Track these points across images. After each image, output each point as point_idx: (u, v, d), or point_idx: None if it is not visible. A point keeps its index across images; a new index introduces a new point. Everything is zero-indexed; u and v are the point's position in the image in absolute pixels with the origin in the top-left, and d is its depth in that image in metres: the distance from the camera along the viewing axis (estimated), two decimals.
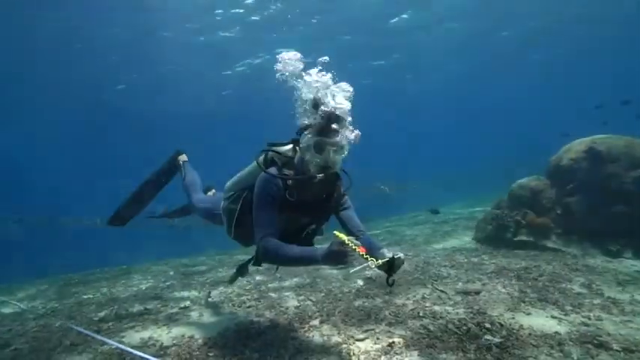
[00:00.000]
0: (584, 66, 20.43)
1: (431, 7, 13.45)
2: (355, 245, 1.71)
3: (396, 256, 1.86)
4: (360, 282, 4.00)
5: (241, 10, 11.90)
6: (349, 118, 2.08)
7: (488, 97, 25.78)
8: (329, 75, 2.08)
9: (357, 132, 2.08)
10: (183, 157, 3.68)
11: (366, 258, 1.71)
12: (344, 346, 2.44)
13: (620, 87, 21.20)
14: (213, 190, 3.47)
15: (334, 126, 2.01)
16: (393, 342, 2.40)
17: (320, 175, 2.03)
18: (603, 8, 13.76)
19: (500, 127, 35.77)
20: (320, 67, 2.09)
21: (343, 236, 1.74)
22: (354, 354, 2.31)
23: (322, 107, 2.01)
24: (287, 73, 2.11)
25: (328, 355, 2.33)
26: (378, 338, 2.51)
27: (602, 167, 4.39)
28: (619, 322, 2.46)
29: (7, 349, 2.90)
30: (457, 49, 16.92)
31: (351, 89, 2.11)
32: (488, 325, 2.54)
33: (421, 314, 2.87)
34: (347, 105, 2.04)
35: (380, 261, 1.78)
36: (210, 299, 3.98)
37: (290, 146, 2.27)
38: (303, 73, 2.10)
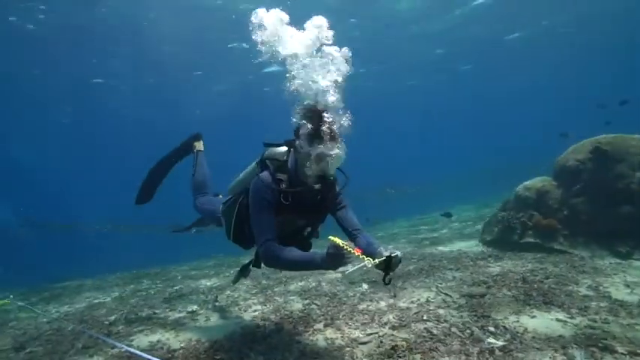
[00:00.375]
0: (585, 66, 20.18)
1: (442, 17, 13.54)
2: (350, 247, 1.74)
3: (393, 255, 1.83)
4: (365, 285, 4.02)
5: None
6: (340, 105, 1.94)
7: (494, 97, 25.63)
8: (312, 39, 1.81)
9: (348, 116, 1.95)
10: (199, 146, 3.64)
11: (362, 258, 1.73)
12: (347, 349, 2.46)
13: (621, 86, 20.91)
14: (221, 196, 3.52)
15: (328, 130, 1.94)
16: (396, 345, 2.42)
17: (317, 185, 2.03)
18: (604, 5, 13.61)
19: (505, 128, 35.48)
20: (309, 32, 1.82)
21: (338, 240, 1.78)
22: (357, 357, 2.34)
23: (309, 103, 1.92)
24: (261, 40, 1.89)
25: (332, 358, 2.36)
26: (381, 342, 2.52)
27: (609, 167, 4.33)
28: (626, 325, 2.43)
29: (22, 352, 3.00)
30: (464, 52, 16.90)
31: (345, 64, 1.92)
32: (491, 329, 2.55)
33: (425, 318, 2.87)
34: (337, 92, 1.88)
35: (377, 260, 1.78)
36: (217, 303, 4.04)
37: (284, 148, 2.26)
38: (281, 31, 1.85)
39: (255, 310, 3.62)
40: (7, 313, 4.78)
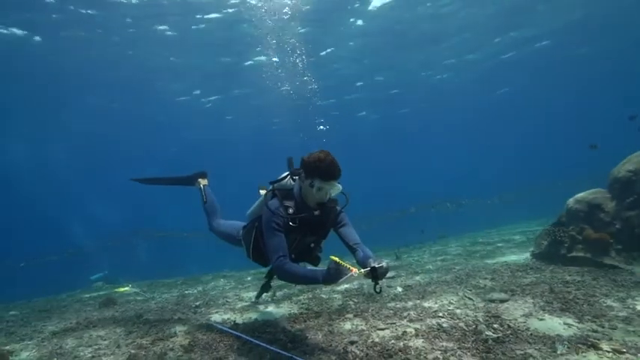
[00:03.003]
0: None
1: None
2: (348, 265, 2.01)
3: (378, 265, 2.00)
4: (400, 289, 4.47)
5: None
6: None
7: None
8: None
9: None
10: (204, 181, 4.01)
11: (350, 268, 1.99)
12: (366, 332, 3.04)
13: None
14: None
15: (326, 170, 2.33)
16: (405, 331, 2.92)
17: (316, 212, 2.47)
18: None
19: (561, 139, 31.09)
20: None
21: (337, 258, 2.06)
22: (372, 338, 2.90)
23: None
24: None
25: (351, 336, 2.97)
26: (395, 329, 3.04)
27: None
28: (632, 331, 2.51)
29: (140, 318, 4.27)
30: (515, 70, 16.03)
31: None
32: (496, 326, 2.86)
33: (440, 315, 3.27)
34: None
35: (362, 271, 2.00)
36: (275, 297, 4.91)
37: (289, 178, 2.67)
38: None
39: (302, 304, 4.36)
40: (128, 296, 6.41)
